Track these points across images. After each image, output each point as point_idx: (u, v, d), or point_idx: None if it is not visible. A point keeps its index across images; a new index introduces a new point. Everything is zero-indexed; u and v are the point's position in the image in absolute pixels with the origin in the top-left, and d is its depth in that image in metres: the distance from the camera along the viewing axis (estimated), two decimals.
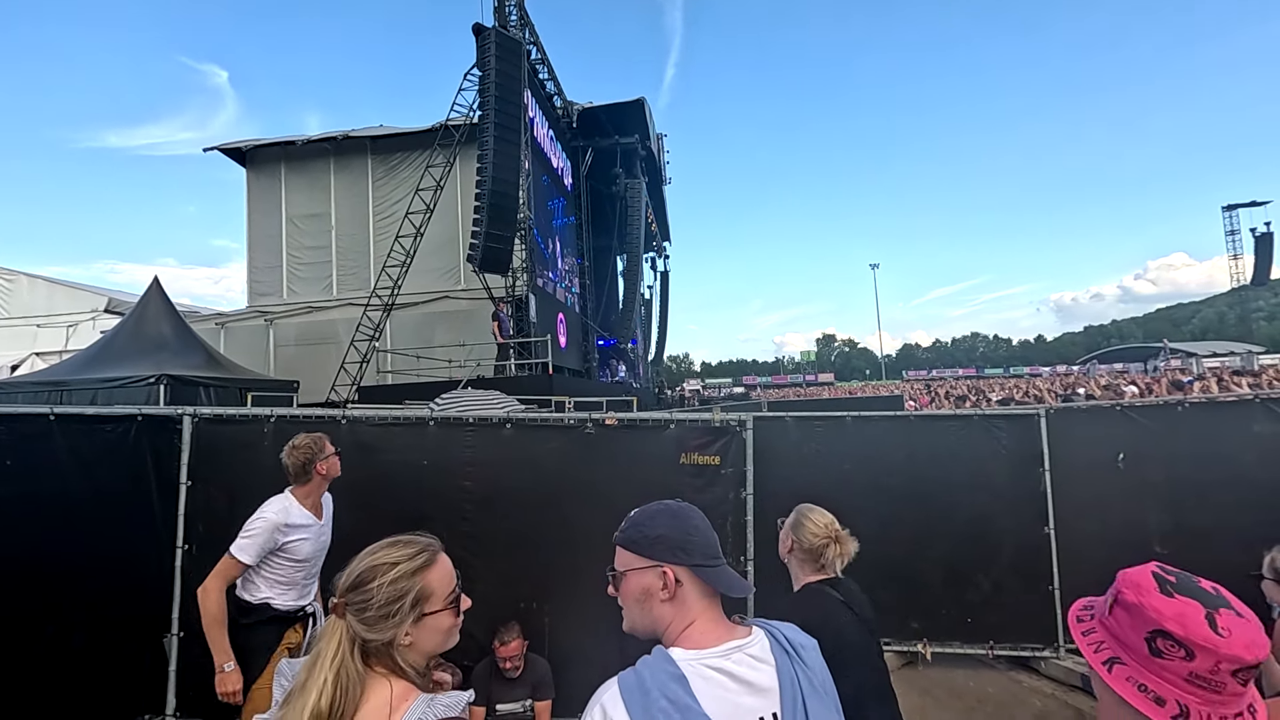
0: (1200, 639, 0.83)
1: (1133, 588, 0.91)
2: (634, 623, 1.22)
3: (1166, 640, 0.85)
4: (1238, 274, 44.56)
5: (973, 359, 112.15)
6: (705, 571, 1.19)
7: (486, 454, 3.86)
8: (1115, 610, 0.93)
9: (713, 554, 1.21)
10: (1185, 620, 0.84)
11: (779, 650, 1.15)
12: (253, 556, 2.65)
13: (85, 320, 17.83)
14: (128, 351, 9.82)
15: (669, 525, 1.22)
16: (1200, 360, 32.37)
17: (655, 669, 1.08)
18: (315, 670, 1.11)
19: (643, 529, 1.23)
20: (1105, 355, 51.36)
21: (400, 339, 14.56)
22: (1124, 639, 0.91)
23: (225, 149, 16.73)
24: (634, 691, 1.05)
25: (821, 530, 2.03)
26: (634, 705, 1.03)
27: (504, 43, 11.28)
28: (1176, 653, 0.84)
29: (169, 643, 3.51)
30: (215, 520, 3.57)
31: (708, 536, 1.22)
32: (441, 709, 1.12)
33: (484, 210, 11.00)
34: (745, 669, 1.10)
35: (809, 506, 2.16)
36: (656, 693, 1.03)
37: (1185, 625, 0.84)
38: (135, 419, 3.54)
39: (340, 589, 1.19)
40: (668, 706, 1.02)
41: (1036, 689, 4.13)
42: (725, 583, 1.20)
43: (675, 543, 1.19)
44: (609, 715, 1.03)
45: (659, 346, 33.97)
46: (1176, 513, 4.28)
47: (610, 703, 1.05)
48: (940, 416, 4.87)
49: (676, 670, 1.07)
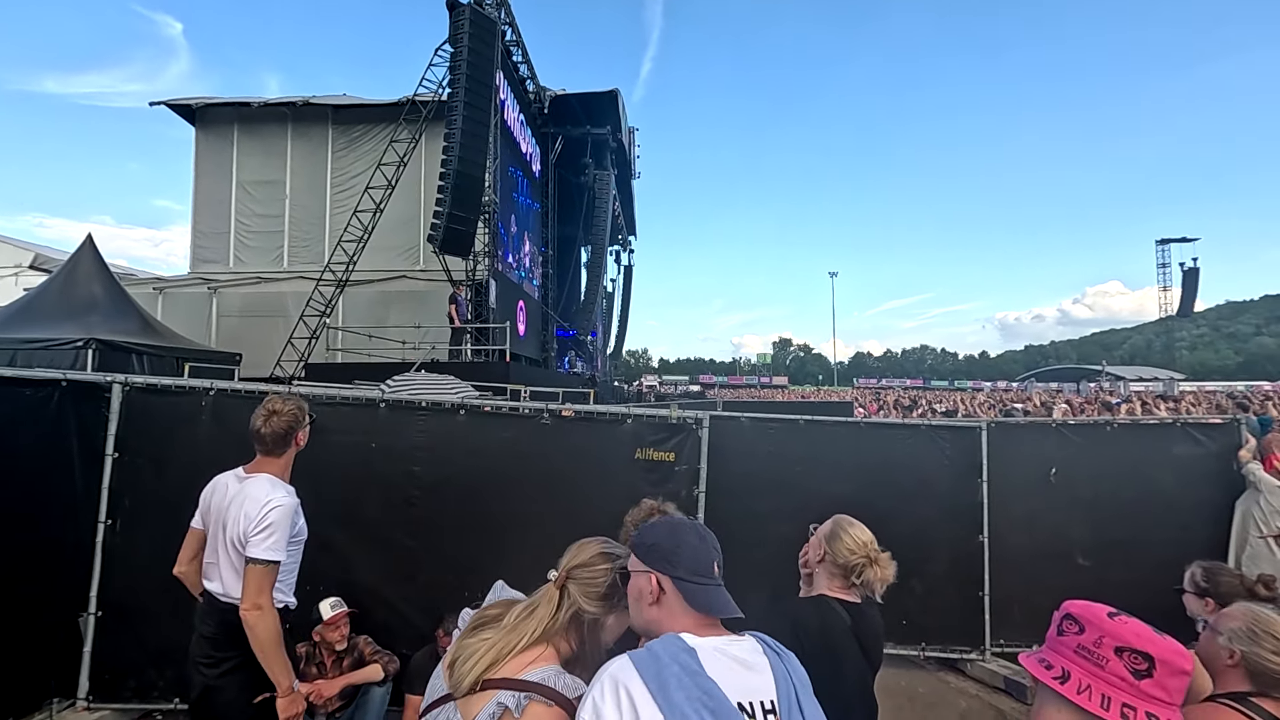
0: (1094, 617, 1.03)
1: (1079, 608, 1.09)
2: (634, 620, 1.31)
3: (1069, 621, 1.06)
4: (1166, 304, 47.47)
5: (921, 370, 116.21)
6: (687, 586, 1.23)
7: (438, 439, 3.78)
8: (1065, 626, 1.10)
9: (700, 571, 1.24)
10: (1090, 608, 1.06)
11: (770, 652, 1.21)
12: (284, 552, 2.26)
13: (7, 275, 16.67)
14: (54, 312, 9.17)
15: (663, 536, 1.30)
16: (1128, 384, 34.37)
17: (667, 643, 1.14)
18: (527, 620, 1.34)
19: (644, 536, 1.33)
20: (1042, 374, 53.97)
21: (353, 317, 14.11)
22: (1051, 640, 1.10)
23: (174, 105, 15.83)
24: (647, 660, 1.10)
25: (859, 549, 1.91)
26: (647, 671, 1.08)
27: (479, 20, 11.03)
28: (1071, 628, 1.05)
29: (85, 622, 3.31)
30: (144, 496, 3.39)
31: (698, 554, 1.26)
32: (563, 683, 1.25)
33: (448, 190, 10.76)
34: (745, 655, 1.17)
35: (849, 520, 2.02)
36: (668, 659, 1.09)
37: (1088, 608, 1.06)
38: (59, 384, 3.31)
39: (567, 565, 1.42)
40: (679, 671, 1.07)
41: (962, 689, 4.32)
42: (705, 600, 1.22)
43: (663, 553, 1.27)
44: (620, 682, 1.07)
45: (619, 340, 33.99)
46: (1099, 527, 4.53)
47: (622, 671, 1.09)
48: (889, 425, 5.02)
49: (687, 645, 1.13)
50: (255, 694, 2.26)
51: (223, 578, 2.32)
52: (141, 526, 3.35)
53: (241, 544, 2.23)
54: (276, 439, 2.38)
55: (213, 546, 2.38)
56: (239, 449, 2.52)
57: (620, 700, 1.05)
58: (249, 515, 2.23)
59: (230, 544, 2.29)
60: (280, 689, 2.22)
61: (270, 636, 2.19)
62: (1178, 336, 79.78)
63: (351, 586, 3.44)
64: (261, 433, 2.36)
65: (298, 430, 2.44)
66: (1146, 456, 4.65)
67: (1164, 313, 48.80)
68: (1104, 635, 1.00)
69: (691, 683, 1.06)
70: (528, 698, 1.21)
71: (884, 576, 1.89)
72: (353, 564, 3.55)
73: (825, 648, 1.67)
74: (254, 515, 2.22)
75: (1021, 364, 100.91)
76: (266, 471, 2.37)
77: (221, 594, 2.32)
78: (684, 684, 1.05)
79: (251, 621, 2.15)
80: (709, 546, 1.29)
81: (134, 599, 3.33)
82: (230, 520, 2.29)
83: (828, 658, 1.63)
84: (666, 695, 1.04)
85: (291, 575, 2.44)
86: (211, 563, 2.38)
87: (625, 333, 33.98)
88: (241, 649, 2.21)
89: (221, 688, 2.30)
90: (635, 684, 1.06)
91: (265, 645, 2.18)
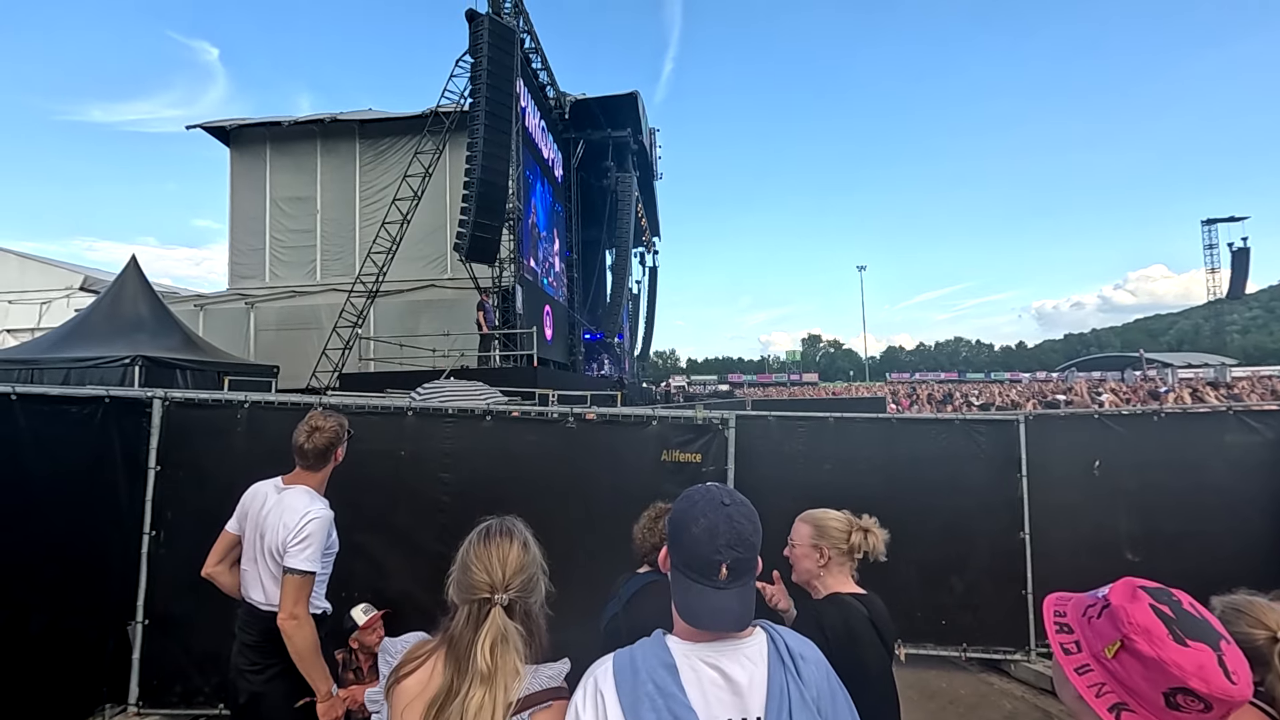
0: (1220, 692, 0.83)
1: (1144, 636, 0.88)
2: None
3: (1188, 696, 0.84)
4: (1214, 287, 45.57)
5: (955, 363, 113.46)
6: (679, 579, 1.16)
7: (465, 446, 3.81)
8: (1123, 657, 0.90)
9: (696, 568, 1.13)
10: (1206, 674, 0.83)
11: (775, 657, 1.13)
12: (319, 562, 2.31)
13: (59, 298, 17.39)
14: (102, 331, 9.58)
15: (681, 511, 1.20)
16: (1175, 371, 33.02)
17: (648, 654, 1.12)
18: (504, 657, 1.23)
19: (678, 502, 1.24)
20: (1083, 364, 52.24)
21: (384, 326, 14.40)
22: (1135, 688, 0.88)
23: (209, 127, 16.41)
24: (625, 671, 1.10)
25: (845, 525, 1.97)
26: (623, 684, 1.08)
27: (497, 30, 11.15)
28: (1195, 706, 0.84)
29: (133, 630, 3.43)
30: (185, 507, 3.50)
31: (698, 548, 1.13)
32: (543, 680, 1.24)
33: (472, 199, 10.90)
34: (736, 668, 1.10)
35: (819, 510, 2.06)
36: (645, 675, 1.08)
37: (1207, 680, 0.83)
38: (103, 401, 3.45)
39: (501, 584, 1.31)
40: (653, 691, 1.05)
41: (1007, 691, 4.18)
42: (687, 604, 1.13)
43: (674, 529, 1.21)
44: (599, 689, 1.09)
45: (645, 342, 33.98)
46: (1147, 520, 4.35)
47: (602, 678, 1.11)
48: (922, 420, 4.90)
49: (669, 659, 1.10)
50: (298, 699, 2.32)
51: (264, 587, 2.39)
52: (183, 536, 3.45)
53: (280, 553, 2.29)
54: (318, 454, 2.46)
55: (250, 555, 2.44)
56: (275, 459, 2.58)
57: (597, 712, 1.07)
58: (288, 525, 2.29)
59: (269, 553, 2.35)
60: (319, 694, 2.29)
61: (308, 644, 2.24)
62: (1228, 320, 76.30)
63: (384, 593, 3.49)
64: (304, 448, 2.44)
65: (338, 446, 2.53)
66: (1196, 446, 4.44)
67: (1212, 295, 46.89)
68: (1233, 706, 0.84)
69: (664, 705, 1.04)
70: (530, 714, 1.20)
71: (880, 538, 1.97)
72: (385, 570, 3.60)
73: (851, 643, 1.68)
74: (293, 526, 2.28)
75: (1061, 354, 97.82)
76: (305, 484, 2.44)
77: (264, 603, 2.38)
78: (656, 706, 1.04)
79: (289, 631, 2.21)
80: (718, 545, 1.12)
81: (179, 607, 3.43)
82: (269, 529, 2.35)
83: (854, 653, 1.65)
84: (637, 716, 1.04)
85: (322, 586, 2.49)
86: (250, 571, 2.44)
87: (652, 334, 33.97)
88: (284, 656, 2.27)
89: (266, 694, 2.37)
90: (610, 697, 1.07)
91: (303, 652, 2.24)
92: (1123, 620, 0.90)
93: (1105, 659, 0.91)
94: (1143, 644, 0.87)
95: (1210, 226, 44.97)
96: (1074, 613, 1.00)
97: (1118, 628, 0.90)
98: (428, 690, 1.23)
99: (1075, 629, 0.98)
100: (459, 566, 1.36)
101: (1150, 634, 0.87)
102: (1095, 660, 0.93)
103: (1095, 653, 0.93)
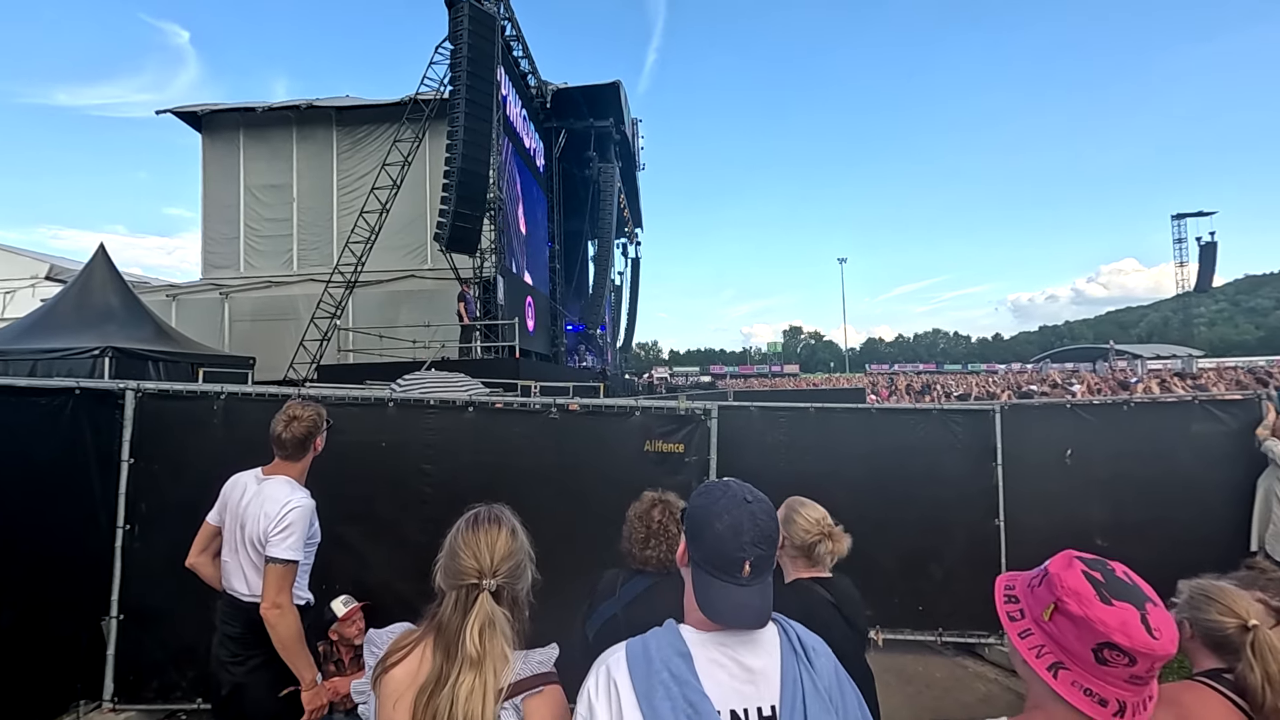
0: (1143, 646, 0.90)
1: (1074, 597, 0.95)
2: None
3: (1114, 651, 0.91)
4: (1183, 280, 46.60)
5: (933, 355, 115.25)
6: (700, 575, 1.15)
7: (447, 437, 3.79)
8: (1057, 618, 0.97)
9: (719, 565, 1.12)
10: (1129, 630, 0.91)
11: (788, 648, 1.14)
12: (302, 551, 2.29)
13: (24, 287, 16.90)
14: (70, 321, 9.30)
15: (701, 508, 1.19)
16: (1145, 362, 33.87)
17: (662, 642, 1.11)
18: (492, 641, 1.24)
19: (695, 495, 1.24)
20: (1057, 355, 53.26)
21: (363, 317, 14.19)
22: (1068, 646, 0.96)
23: (180, 112, 15.96)
24: (639, 660, 1.09)
25: (813, 526, 1.99)
26: (637, 672, 1.07)
27: (478, 16, 10.98)
28: (1120, 660, 0.91)
29: (107, 625, 3.37)
30: (159, 500, 3.43)
31: (721, 545, 1.12)
32: (533, 665, 1.26)
33: (453, 188, 10.76)
34: (751, 658, 1.11)
35: (800, 500, 2.08)
36: (659, 663, 1.07)
37: (1130, 635, 0.90)
38: (73, 392, 3.36)
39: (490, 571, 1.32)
40: (668, 679, 1.05)
41: (981, 674, 4.29)
42: (709, 600, 1.12)
43: (693, 526, 1.19)
44: (613, 677, 1.08)
45: (628, 333, 33.94)
46: (1117, 508, 4.47)
47: (615, 666, 1.10)
48: (900, 410, 4.97)
49: (683, 647, 1.09)
50: (280, 690, 2.31)
51: (246, 577, 2.37)
52: (159, 530, 3.39)
53: (261, 543, 2.28)
54: (296, 444, 2.44)
55: (231, 545, 2.42)
56: (252, 451, 2.55)
57: (610, 700, 1.06)
58: (269, 515, 2.27)
59: (250, 543, 2.33)
60: (304, 682, 2.29)
61: (291, 633, 2.24)
62: (1196, 312, 78.28)
63: (366, 584, 3.47)
64: (282, 438, 2.41)
65: (316, 436, 2.51)
66: (1165, 435, 4.57)
67: (1181, 289, 47.93)
68: (1155, 661, 0.91)
69: (679, 692, 1.03)
70: (523, 699, 1.21)
71: (838, 550, 1.99)
72: (368, 562, 3.58)
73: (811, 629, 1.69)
74: (274, 515, 2.26)
75: (1036, 345, 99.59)
76: (285, 474, 2.42)
77: (245, 594, 2.36)
78: (671, 693, 1.03)
79: (272, 620, 2.20)
80: (742, 542, 1.12)
81: (154, 602, 3.38)
82: (249, 519, 2.33)
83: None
84: (651, 704, 1.03)
85: (304, 577, 2.46)
86: (231, 562, 2.41)
87: (634, 325, 33.95)
88: (267, 647, 2.26)
89: (249, 685, 2.36)
90: (624, 685, 1.06)
91: (287, 642, 2.23)
92: (1056, 585, 0.98)
93: (1043, 622, 0.99)
94: (1073, 604, 0.95)
95: (1180, 221, 45.90)
96: (1020, 585, 1.09)
97: (1052, 592, 0.99)
98: (418, 678, 1.23)
99: (1020, 599, 1.07)
100: (446, 553, 1.35)
101: (1080, 595, 0.95)
102: (1035, 624, 1.01)
103: (1035, 617, 1.02)
